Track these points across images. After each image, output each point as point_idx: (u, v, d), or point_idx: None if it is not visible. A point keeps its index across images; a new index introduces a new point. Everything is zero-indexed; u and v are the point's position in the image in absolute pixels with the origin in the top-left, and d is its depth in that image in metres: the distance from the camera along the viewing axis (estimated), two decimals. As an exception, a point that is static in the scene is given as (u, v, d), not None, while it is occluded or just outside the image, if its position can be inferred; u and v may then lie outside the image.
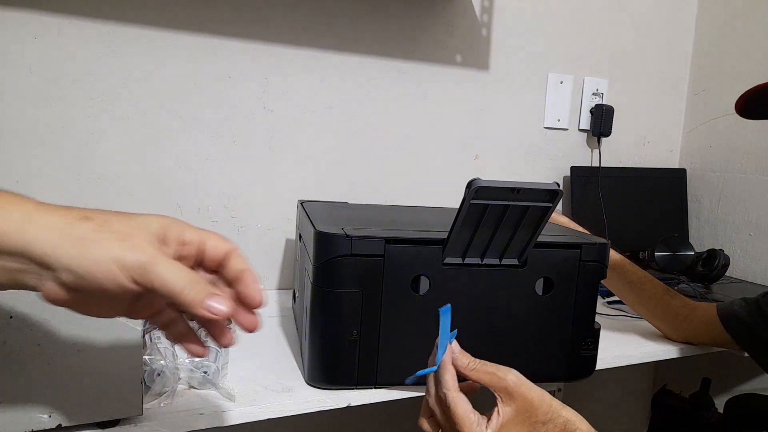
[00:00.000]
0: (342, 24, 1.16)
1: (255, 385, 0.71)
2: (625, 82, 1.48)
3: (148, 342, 0.71)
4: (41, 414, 0.54)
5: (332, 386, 0.70)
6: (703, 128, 1.53)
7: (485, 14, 1.29)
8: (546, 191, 0.64)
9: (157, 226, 0.38)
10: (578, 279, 0.75)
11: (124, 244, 0.36)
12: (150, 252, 0.36)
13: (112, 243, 0.35)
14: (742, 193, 1.42)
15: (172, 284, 0.36)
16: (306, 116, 1.15)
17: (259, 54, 1.10)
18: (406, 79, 1.23)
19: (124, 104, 1.01)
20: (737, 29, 1.45)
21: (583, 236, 0.81)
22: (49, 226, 0.35)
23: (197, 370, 0.68)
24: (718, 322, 0.90)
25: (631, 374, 1.55)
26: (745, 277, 1.40)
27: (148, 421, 0.60)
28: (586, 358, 0.77)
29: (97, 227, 0.36)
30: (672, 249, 1.32)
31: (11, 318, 0.52)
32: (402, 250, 0.68)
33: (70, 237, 0.35)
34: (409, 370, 0.68)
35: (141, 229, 0.37)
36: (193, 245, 0.40)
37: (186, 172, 1.07)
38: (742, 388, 1.39)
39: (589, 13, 1.41)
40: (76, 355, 0.55)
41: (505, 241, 0.69)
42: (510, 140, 1.37)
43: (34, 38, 0.94)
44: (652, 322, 0.98)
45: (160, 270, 0.36)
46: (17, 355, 0.53)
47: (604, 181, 1.42)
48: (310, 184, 1.17)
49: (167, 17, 1.02)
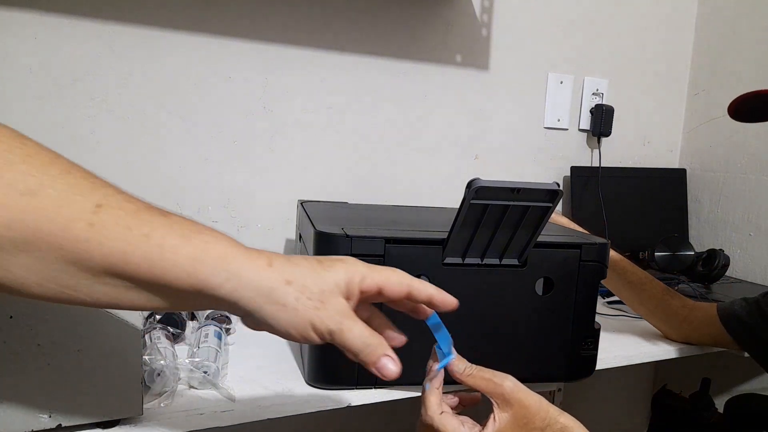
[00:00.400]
0: (342, 24, 1.16)
1: (255, 385, 0.71)
2: (626, 82, 1.48)
3: (148, 342, 0.72)
4: (41, 414, 0.54)
5: (332, 386, 0.70)
6: (703, 128, 1.53)
7: (485, 14, 1.29)
8: (546, 191, 0.64)
9: (343, 284, 0.43)
10: (578, 279, 0.75)
11: (319, 313, 0.41)
12: (338, 320, 0.42)
13: (309, 312, 0.41)
14: (742, 193, 1.42)
15: (352, 347, 0.43)
16: (306, 116, 1.15)
17: (259, 54, 1.10)
18: (405, 79, 1.23)
19: (124, 104, 1.01)
20: (737, 29, 1.45)
21: (583, 236, 0.81)
22: (257, 290, 0.40)
23: (197, 370, 0.68)
24: (719, 322, 0.90)
25: (631, 374, 1.55)
26: (745, 277, 1.40)
27: (148, 421, 0.60)
28: (586, 358, 0.77)
29: (297, 293, 0.41)
30: (672, 249, 1.32)
31: (11, 318, 0.52)
32: (402, 250, 0.68)
33: (275, 303, 0.40)
34: (409, 370, 0.68)
35: (332, 294, 0.42)
36: (372, 291, 0.45)
37: (186, 172, 1.07)
38: (742, 388, 1.39)
39: (589, 13, 1.41)
40: (76, 355, 0.55)
41: (505, 241, 0.69)
42: (510, 140, 1.37)
43: (34, 38, 0.94)
44: (652, 323, 0.98)
45: (345, 335, 0.42)
46: (17, 355, 0.53)
47: (604, 181, 1.42)
48: (310, 184, 1.17)
49: (167, 17, 1.02)
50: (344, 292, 0.43)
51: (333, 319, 0.42)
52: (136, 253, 0.37)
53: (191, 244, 0.38)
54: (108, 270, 0.37)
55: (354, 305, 0.44)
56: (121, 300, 0.39)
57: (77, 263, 0.36)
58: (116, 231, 0.37)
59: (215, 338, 0.76)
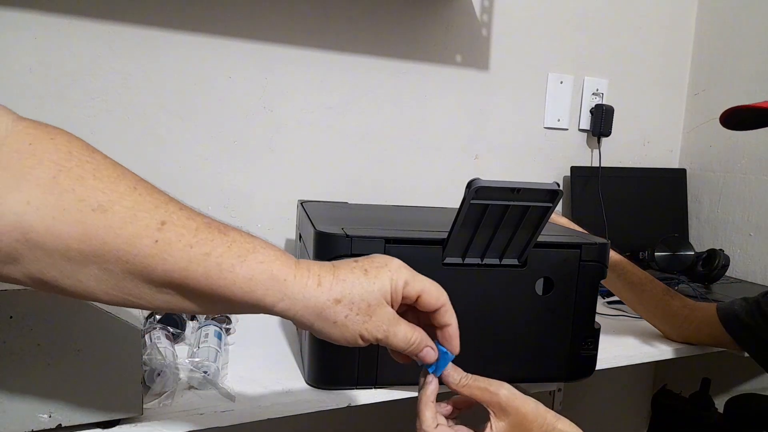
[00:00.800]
0: (342, 24, 1.16)
1: (255, 385, 0.71)
2: (626, 82, 1.48)
3: (148, 342, 0.71)
4: (41, 414, 0.54)
5: (332, 386, 0.70)
6: (704, 128, 1.53)
7: (485, 14, 1.29)
8: (546, 191, 0.64)
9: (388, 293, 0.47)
10: (578, 279, 0.75)
11: (367, 326, 0.46)
12: (384, 328, 0.46)
13: (358, 326, 0.45)
14: (742, 193, 1.42)
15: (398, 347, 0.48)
16: (306, 116, 1.15)
17: (259, 54, 1.10)
18: (405, 79, 1.23)
19: (124, 104, 1.01)
20: (737, 29, 1.45)
21: (583, 236, 0.81)
22: (308, 309, 0.44)
23: (197, 370, 0.68)
24: (719, 323, 0.90)
25: (630, 374, 1.55)
26: (745, 277, 1.40)
27: (148, 421, 0.60)
28: (586, 358, 0.77)
29: (347, 311, 0.45)
30: (672, 249, 1.32)
31: (11, 318, 0.52)
32: (402, 250, 0.68)
33: (326, 321, 0.45)
34: (410, 371, 0.68)
35: (378, 306, 0.46)
36: (412, 297, 0.48)
37: (186, 172, 1.07)
38: (742, 388, 1.39)
39: (589, 13, 1.41)
40: (76, 355, 0.55)
41: (505, 241, 0.69)
42: (510, 140, 1.37)
43: (34, 38, 0.94)
44: (653, 323, 0.98)
45: (390, 340, 0.47)
46: (17, 354, 0.53)
47: (604, 181, 1.41)
48: (310, 184, 1.17)
49: (167, 17, 1.02)
50: (389, 300, 0.47)
51: (380, 329, 0.46)
52: (197, 270, 0.40)
53: (247, 265, 0.42)
54: (169, 283, 0.40)
55: (397, 308, 0.48)
56: (180, 307, 0.43)
57: (141, 275, 0.40)
58: (178, 248, 0.40)
59: (215, 338, 0.76)
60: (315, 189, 1.17)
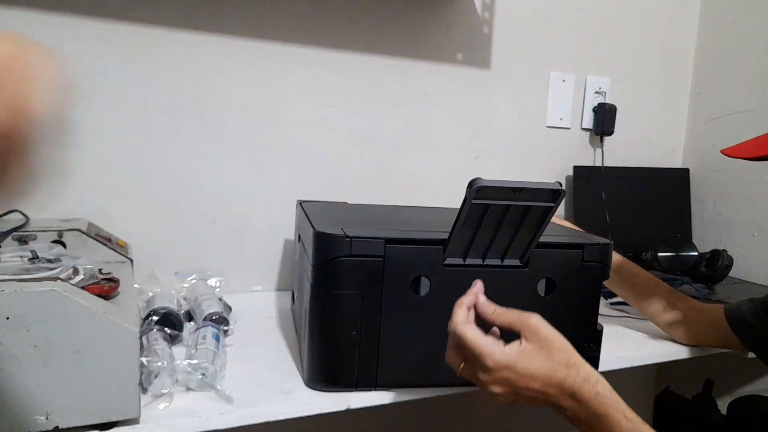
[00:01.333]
0: (342, 22, 1.15)
1: (253, 388, 0.70)
2: (628, 81, 1.47)
3: (146, 343, 0.71)
4: (38, 416, 0.54)
5: (332, 388, 0.70)
6: (707, 127, 1.52)
7: (486, 12, 1.29)
8: (548, 191, 0.64)
9: None
10: (581, 280, 0.74)
11: None
12: None
13: None
14: (746, 193, 1.41)
15: None
16: (306, 116, 1.15)
17: (259, 53, 1.09)
18: (406, 78, 1.23)
19: (124, 104, 1.01)
20: (740, 28, 1.44)
21: (585, 236, 0.81)
22: None
23: (195, 372, 0.67)
24: (726, 324, 0.89)
25: (633, 376, 1.54)
26: (748, 277, 1.39)
27: (146, 423, 0.59)
28: (588, 359, 0.76)
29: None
30: (675, 249, 1.31)
31: (8, 319, 0.52)
32: (402, 251, 0.68)
33: None
34: (410, 372, 0.67)
35: None
36: None
37: (186, 172, 1.06)
38: (745, 389, 1.38)
39: (591, 12, 1.40)
40: (73, 357, 0.54)
41: (507, 242, 0.69)
42: (511, 139, 1.36)
43: (33, 37, 0.93)
44: (659, 325, 0.96)
45: None
46: (14, 356, 0.52)
47: (607, 180, 1.41)
48: (310, 184, 1.16)
49: (167, 16, 1.01)
50: None
51: None
52: None
53: None
54: None
55: None
56: None
57: None
58: None
59: (213, 340, 0.75)
60: (314, 189, 1.16)
